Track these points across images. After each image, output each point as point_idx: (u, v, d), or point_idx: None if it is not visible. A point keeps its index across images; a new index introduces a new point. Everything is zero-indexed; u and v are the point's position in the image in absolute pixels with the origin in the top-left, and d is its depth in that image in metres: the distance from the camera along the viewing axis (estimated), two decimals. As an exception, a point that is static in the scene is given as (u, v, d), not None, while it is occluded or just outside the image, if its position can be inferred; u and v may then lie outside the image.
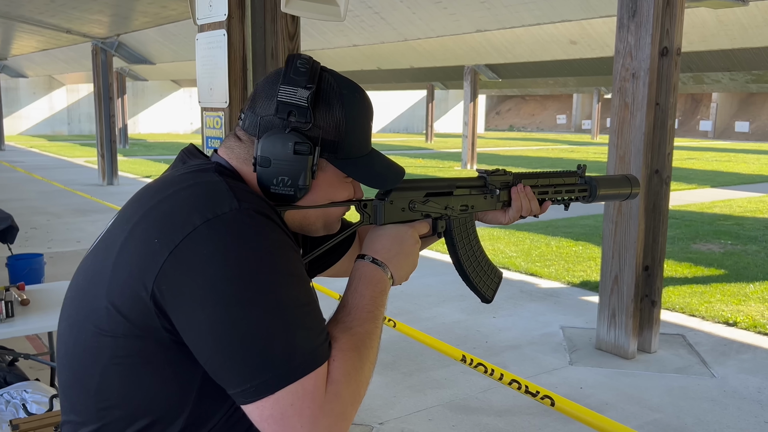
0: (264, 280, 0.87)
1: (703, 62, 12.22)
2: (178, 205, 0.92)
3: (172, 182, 0.98)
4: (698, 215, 9.85)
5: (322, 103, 1.00)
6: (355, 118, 1.03)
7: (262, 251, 0.89)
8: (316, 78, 1.00)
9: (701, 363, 4.11)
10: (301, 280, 0.93)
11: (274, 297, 0.88)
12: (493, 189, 1.27)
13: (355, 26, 10.00)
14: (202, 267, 0.86)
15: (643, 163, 4.01)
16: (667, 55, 4.01)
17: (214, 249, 0.87)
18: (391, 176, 1.09)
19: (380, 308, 1.04)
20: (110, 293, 0.92)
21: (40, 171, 15.20)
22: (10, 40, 15.62)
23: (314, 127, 1.00)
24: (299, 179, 1.00)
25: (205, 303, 0.86)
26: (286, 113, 0.98)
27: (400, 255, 1.11)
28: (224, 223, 0.88)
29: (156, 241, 0.89)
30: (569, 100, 44.18)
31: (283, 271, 0.90)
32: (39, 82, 30.21)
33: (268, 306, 0.87)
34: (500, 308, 5.19)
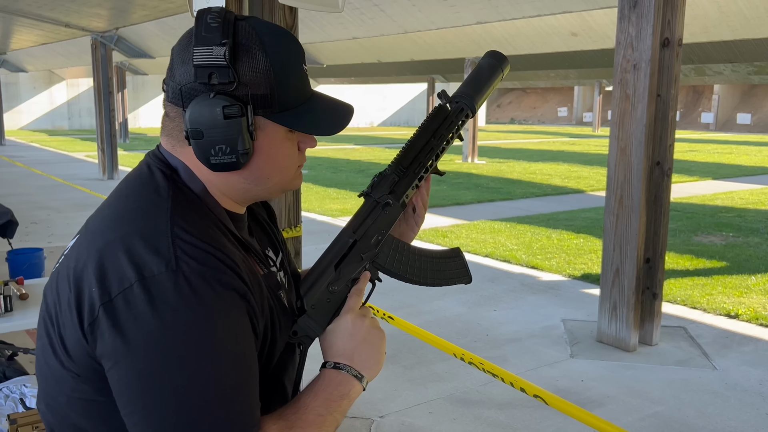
0: (187, 356, 0.82)
1: (705, 53, 12.17)
2: (120, 250, 0.86)
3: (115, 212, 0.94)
4: (700, 207, 9.82)
5: (244, 56, 0.90)
6: (283, 65, 0.92)
7: (190, 325, 0.82)
8: (231, 31, 0.90)
9: (703, 355, 4.10)
10: (232, 358, 0.85)
11: (191, 377, 0.82)
12: (386, 201, 1.09)
13: (354, 19, 9.96)
14: (129, 327, 0.82)
15: (644, 154, 3.99)
16: (669, 46, 3.98)
17: (140, 313, 0.82)
18: (337, 120, 0.98)
19: (333, 414, 0.95)
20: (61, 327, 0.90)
21: (41, 166, 15.19)
22: (10, 35, 15.59)
23: (240, 85, 0.90)
24: (237, 144, 0.91)
25: (124, 364, 0.83)
26: (207, 76, 0.89)
27: (358, 349, 1.02)
28: (157, 286, 0.83)
29: (94, 290, 0.85)
30: (570, 92, 44.07)
31: (210, 350, 0.83)
32: (39, 76, 30.16)
33: (184, 384, 0.82)
34: (501, 301, 5.18)
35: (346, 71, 22.63)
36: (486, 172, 14.46)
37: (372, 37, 11.63)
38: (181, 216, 0.90)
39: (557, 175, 13.79)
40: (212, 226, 0.93)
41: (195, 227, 0.89)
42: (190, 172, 0.97)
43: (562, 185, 12.26)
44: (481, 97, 1.19)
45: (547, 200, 10.61)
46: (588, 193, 11.35)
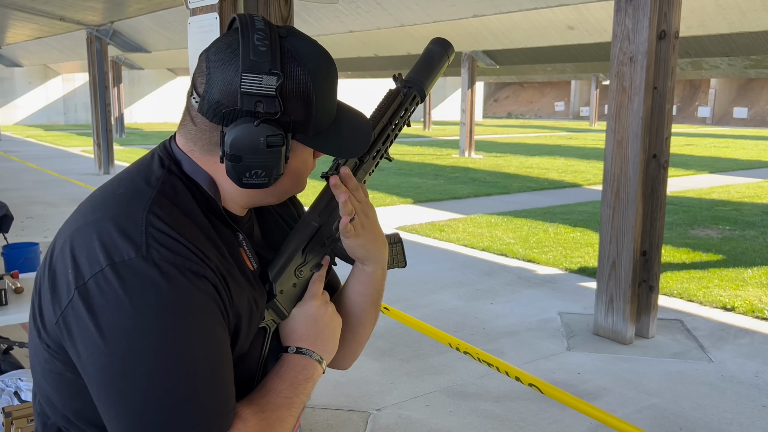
0: (158, 342, 0.82)
1: (702, 47, 12.16)
2: (94, 234, 0.87)
3: (102, 196, 0.95)
4: (696, 201, 9.83)
5: (289, 84, 0.91)
6: (323, 93, 0.94)
7: (162, 310, 0.83)
8: (279, 58, 0.90)
9: (699, 348, 4.11)
10: (206, 343, 0.85)
11: (165, 361, 0.82)
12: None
13: (351, 11, 9.93)
14: (102, 312, 0.83)
15: (640, 147, 3.98)
16: (665, 39, 3.97)
17: (116, 301, 0.82)
18: (359, 141, 1.01)
19: (300, 396, 0.98)
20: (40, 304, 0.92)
21: (36, 160, 15.15)
22: (4, 29, 15.51)
23: (284, 114, 0.91)
24: (273, 171, 0.94)
25: (96, 349, 0.83)
26: (253, 104, 0.89)
27: (322, 334, 1.06)
28: (127, 273, 0.83)
29: (69, 272, 0.86)
30: (567, 86, 44.06)
31: (178, 336, 0.83)
32: (34, 71, 30.05)
33: (158, 369, 0.82)
34: (498, 295, 5.18)
35: (343, 65, 22.59)
36: (483, 166, 14.45)
37: (368, 30, 11.60)
38: (161, 206, 0.90)
39: (554, 169, 13.79)
40: (194, 218, 0.93)
41: (171, 218, 0.89)
42: (196, 167, 0.98)
43: (559, 179, 12.26)
44: (431, 84, 1.21)
45: (544, 194, 10.61)
46: (585, 187, 11.36)
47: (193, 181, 0.97)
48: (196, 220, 0.93)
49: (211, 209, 0.97)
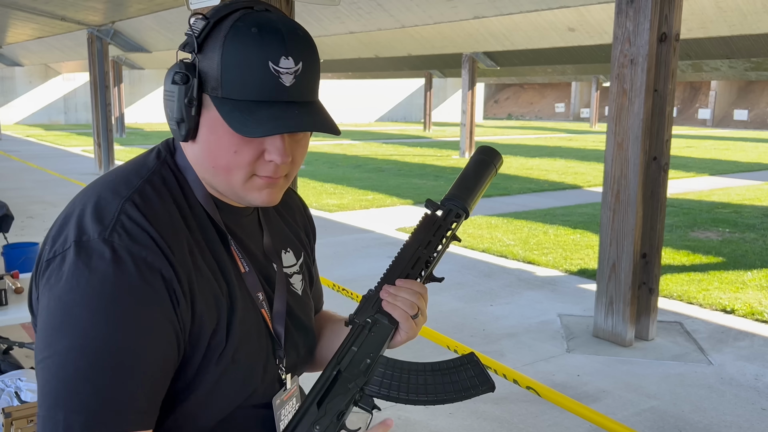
0: (87, 320, 0.83)
1: (702, 49, 12.16)
2: (75, 216, 0.90)
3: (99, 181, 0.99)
4: (696, 203, 9.83)
5: (215, 34, 0.90)
6: (243, 55, 0.87)
7: (98, 291, 0.83)
8: (223, 10, 0.90)
9: (698, 350, 4.11)
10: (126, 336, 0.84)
11: (82, 340, 0.82)
12: (373, 321, 1.02)
13: (351, 13, 9.93)
14: (53, 284, 0.86)
15: (641, 149, 3.99)
16: (666, 41, 3.98)
17: (67, 275, 0.85)
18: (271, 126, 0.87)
19: None
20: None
21: (37, 160, 15.15)
22: (5, 28, 15.52)
23: (199, 57, 0.90)
24: (176, 112, 0.92)
25: (40, 318, 0.88)
26: (184, 45, 0.93)
27: None
28: (84, 251, 0.85)
29: (47, 248, 0.90)
30: (568, 88, 44.07)
31: (107, 321, 0.83)
32: (35, 70, 30.05)
33: (75, 347, 0.82)
34: (498, 296, 5.18)
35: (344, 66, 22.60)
36: (483, 167, 14.43)
37: (369, 31, 11.61)
38: (143, 196, 0.92)
39: (554, 171, 13.79)
40: (172, 213, 0.94)
41: (148, 208, 0.91)
42: (183, 155, 1.00)
43: (559, 181, 12.26)
44: (473, 194, 1.12)
45: (544, 196, 10.61)
46: (585, 189, 11.36)
47: (183, 173, 0.99)
48: (174, 214, 0.93)
49: (200, 203, 0.99)
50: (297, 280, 1.11)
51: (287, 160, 0.93)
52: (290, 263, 1.12)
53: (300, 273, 1.13)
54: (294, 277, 1.11)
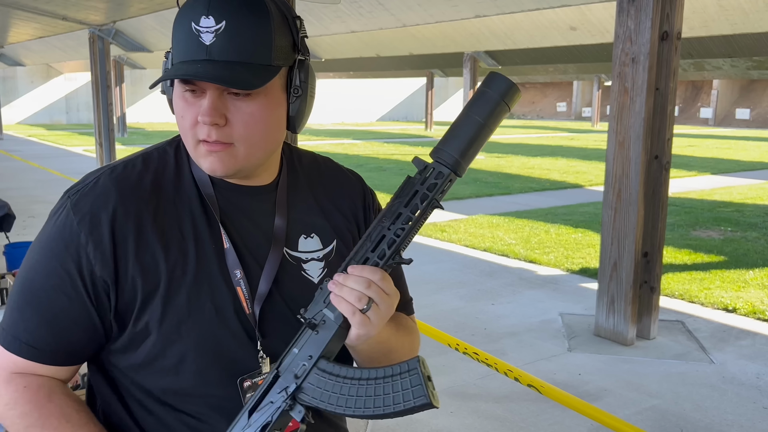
0: (27, 260, 0.98)
1: (704, 48, 12.16)
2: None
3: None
4: (698, 202, 9.82)
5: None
6: (177, 19, 0.93)
7: (41, 237, 0.98)
8: None
9: (700, 349, 4.10)
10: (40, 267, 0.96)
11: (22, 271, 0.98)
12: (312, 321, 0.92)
13: (353, 12, 9.93)
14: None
15: (642, 148, 3.98)
16: (668, 40, 3.97)
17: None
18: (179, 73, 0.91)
19: None
20: None
21: (39, 160, 15.17)
22: (6, 28, 15.53)
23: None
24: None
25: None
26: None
27: None
28: (59, 200, 0.99)
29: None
30: (569, 87, 44.03)
31: (38, 253, 0.97)
32: (37, 70, 30.08)
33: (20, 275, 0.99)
34: (499, 295, 5.18)
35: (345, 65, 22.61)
36: (484, 166, 14.45)
37: (371, 30, 11.61)
38: (128, 165, 1.01)
39: (556, 170, 13.78)
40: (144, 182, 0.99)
41: (121, 175, 0.99)
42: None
43: (561, 180, 12.26)
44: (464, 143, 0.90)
45: (546, 195, 10.60)
46: (586, 188, 11.35)
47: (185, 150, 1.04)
48: (145, 182, 0.99)
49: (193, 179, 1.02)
50: (314, 267, 1.06)
51: (209, 120, 0.91)
52: (310, 249, 1.07)
53: (322, 261, 1.07)
54: (310, 263, 1.06)
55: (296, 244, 1.06)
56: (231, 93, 0.92)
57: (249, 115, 0.93)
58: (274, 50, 0.92)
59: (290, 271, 1.04)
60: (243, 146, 0.94)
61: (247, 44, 0.90)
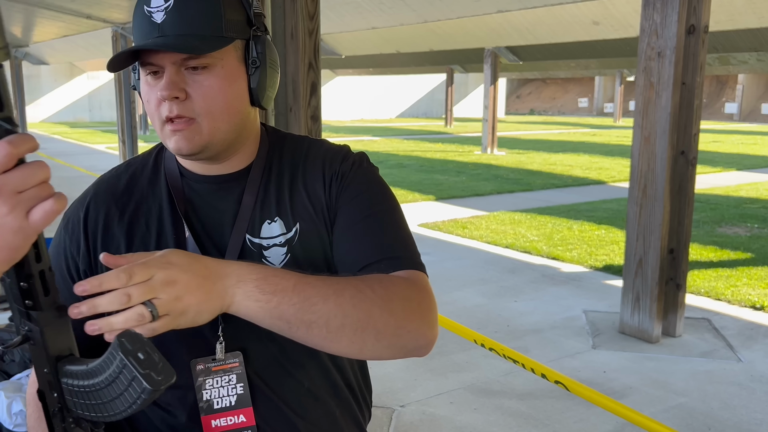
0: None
1: (730, 42, 11.97)
2: None
3: None
4: (724, 198, 9.69)
5: None
6: (135, 7, 0.98)
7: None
8: None
9: (727, 347, 4.05)
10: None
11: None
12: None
13: (373, 8, 9.92)
14: None
15: (668, 143, 3.93)
16: (694, 33, 3.91)
17: None
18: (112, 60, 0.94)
19: None
20: None
21: (63, 157, 15.36)
22: (32, 27, 15.74)
23: None
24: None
25: None
26: None
27: None
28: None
29: None
30: (591, 82, 43.63)
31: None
32: (60, 69, 30.44)
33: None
34: (522, 292, 5.15)
35: (365, 62, 22.60)
36: (506, 163, 14.37)
37: (391, 26, 11.58)
38: (113, 170, 1.12)
39: (578, 166, 13.67)
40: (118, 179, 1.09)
41: (102, 179, 1.11)
42: None
43: (583, 176, 12.15)
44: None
45: (568, 191, 10.52)
46: (609, 184, 11.24)
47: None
48: (119, 184, 1.08)
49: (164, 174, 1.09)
50: (276, 253, 1.03)
51: (167, 94, 0.92)
52: (272, 234, 1.03)
53: (284, 246, 1.03)
54: (272, 250, 1.03)
55: (258, 230, 1.04)
56: (188, 68, 0.94)
57: (208, 87, 0.94)
58: (224, 23, 0.94)
59: (250, 259, 0.99)
60: (205, 120, 0.96)
61: (196, 16, 0.92)
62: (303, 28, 2.71)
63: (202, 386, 0.99)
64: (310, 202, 1.05)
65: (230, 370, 0.98)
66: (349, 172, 1.08)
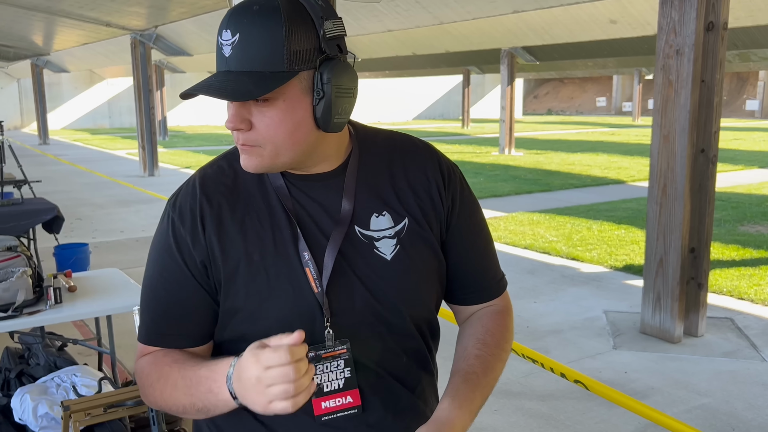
0: (146, 265, 1.12)
1: (750, 38, 11.83)
2: None
3: None
4: (746, 197, 9.57)
5: None
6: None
7: (153, 242, 1.11)
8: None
9: (751, 347, 4.00)
10: (155, 266, 1.09)
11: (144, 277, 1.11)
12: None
13: (389, 11, 9.94)
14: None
15: (688, 141, 3.90)
16: (713, 30, 3.88)
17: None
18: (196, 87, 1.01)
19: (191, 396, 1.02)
20: None
21: (84, 163, 15.55)
22: (53, 36, 15.97)
23: None
24: None
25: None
26: None
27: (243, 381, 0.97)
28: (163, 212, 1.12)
29: None
30: (609, 81, 43.31)
31: (152, 255, 1.10)
32: (80, 76, 30.82)
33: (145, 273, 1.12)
34: (541, 293, 5.13)
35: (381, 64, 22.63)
36: (524, 163, 14.32)
37: (406, 29, 11.60)
38: (213, 166, 1.13)
39: (597, 166, 13.58)
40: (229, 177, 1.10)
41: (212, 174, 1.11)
42: None
43: (602, 176, 12.07)
44: None
45: (587, 191, 10.46)
46: (629, 184, 11.16)
47: None
48: (226, 182, 1.09)
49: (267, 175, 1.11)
50: (387, 244, 1.10)
51: (231, 126, 1.00)
52: (382, 227, 1.11)
53: (394, 238, 1.11)
54: (383, 242, 1.10)
55: (368, 223, 1.10)
56: (252, 99, 0.98)
57: (269, 119, 0.99)
58: (288, 56, 0.95)
59: (362, 250, 1.09)
60: (268, 147, 1.01)
61: (258, 53, 0.95)
62: (320, 32, 2.72)
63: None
64: (417, 200, 1.14)
65: (339, 356, 1.07)
66: (460, 188, 1.19)
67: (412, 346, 1.17)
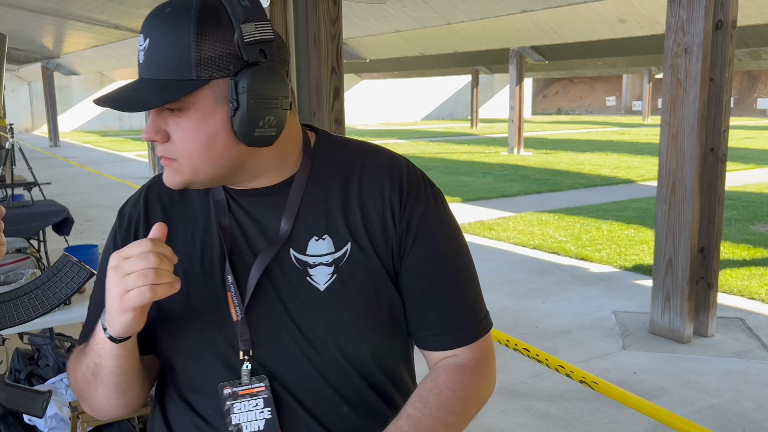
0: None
1: (761, 36, 11.75)
2: None
3: None
4: (757, 196, 9.51)
5: None
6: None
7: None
8: None
9: (761, 347, 3.97)
10: (100, 270, 1.04)
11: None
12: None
13: (397, 11, 9.94)
14: None
15: (697, 141, 3.87)
16: (722, 28, 3.85)
17: None
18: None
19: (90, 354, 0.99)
20: None
21: (94, 165, 15.63)
22: (62, 38, 16.06)
23: None
24: None
25: None
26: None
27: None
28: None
29: None
30: (618, 81, 43.12)
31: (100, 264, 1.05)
32: (90, 79, 31.00)
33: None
34: (550, 293, 5.11)
35: (390, 65, 22.63)
36: (533, 163, 14.28)
37: (415, 29, 11.60)
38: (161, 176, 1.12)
39: (606, 166, 13.52)
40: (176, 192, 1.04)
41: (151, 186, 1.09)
42: None
43: (612, 175, 12.02)
44: None
45: (596, 191, 10.42)
46: (638, 183, 11.10)
47: None
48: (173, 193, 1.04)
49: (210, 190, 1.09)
50: (322, 273, 0.96)
51: (145, 137, 0.93)
52: (319, 252, 0.97)
53: (331, 266, 0.96)
54: (318, 269, 0.96)
55: (305, 246, 0.97)
56: (166, 109, 0.90)
57: (183, 130, 0.90)
58: (197, 63, 0.86)
59: (293, 277, 0.96)
60: (185, 161, 0.92)
61: (165, 59, 0.87)
62: (325, 33, 2.73)
63: (230, 410, 0.97)
64: (366, 223, 0.98)
65: (257, 394, 0.96)
66: (422, 210, 1.02)
67: (358, 397, 0.99)
